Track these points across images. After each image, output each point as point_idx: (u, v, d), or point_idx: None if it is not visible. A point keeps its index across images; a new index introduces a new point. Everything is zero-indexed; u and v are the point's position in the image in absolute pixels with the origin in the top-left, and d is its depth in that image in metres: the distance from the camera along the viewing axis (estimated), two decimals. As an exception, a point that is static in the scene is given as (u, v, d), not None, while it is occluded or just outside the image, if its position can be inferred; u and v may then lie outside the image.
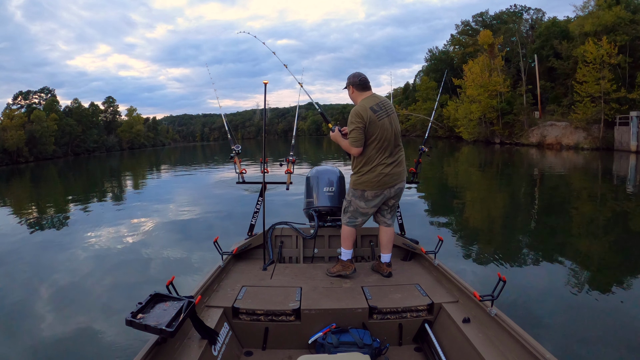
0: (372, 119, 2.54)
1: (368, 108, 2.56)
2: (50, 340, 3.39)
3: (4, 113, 46.06)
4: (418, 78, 58.76)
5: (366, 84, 2.69)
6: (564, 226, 7.07)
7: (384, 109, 2.61)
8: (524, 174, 15.44)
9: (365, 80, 2.68)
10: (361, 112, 2.55)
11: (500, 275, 2.00)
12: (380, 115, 2.57)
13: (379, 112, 2.58)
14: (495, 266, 4.89)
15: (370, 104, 2.58)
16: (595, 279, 4.55)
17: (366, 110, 2.55)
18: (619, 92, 23.59)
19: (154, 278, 4.72)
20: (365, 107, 2.56)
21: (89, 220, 8.75)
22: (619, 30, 24.67)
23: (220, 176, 15.78)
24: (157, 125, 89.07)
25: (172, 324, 1.69)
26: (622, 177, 13.91)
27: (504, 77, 32.64)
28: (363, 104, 2.59)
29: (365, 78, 2.69)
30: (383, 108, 2.61)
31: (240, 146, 3.61)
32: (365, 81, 2.68)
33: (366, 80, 2.69)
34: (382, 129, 2.56)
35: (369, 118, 2.53)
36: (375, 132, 2.55)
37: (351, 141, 2.58)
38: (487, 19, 44.74)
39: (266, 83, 3.21)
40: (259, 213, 3.36)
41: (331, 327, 2.22)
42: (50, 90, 55.97)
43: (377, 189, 2.62)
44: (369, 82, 2.71)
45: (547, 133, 28.41)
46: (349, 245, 2.80)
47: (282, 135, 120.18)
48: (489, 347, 1.87)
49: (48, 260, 5.74)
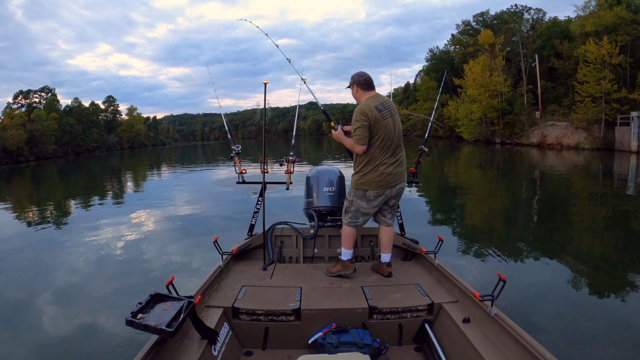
0: (377, 118, 2.54)
1: (373, 107, 2.56)
2: (50, 339, 3.39)
3: (5, 112, 45.98)
4: (418, 78, 58.70)
5: (371, 83, 2.70)
6: (564, 226, 7.07)
7: (388, 109, 2.61)
8: (525, 174, 15.43)
9: (369, 80, 2.70)
10: (366, 110, 2.55)
11: (500, 275, 2.00)
12: (384, 115, 2.57)
13: (384, 111, 2.58)
14: (495, 266, 4.89)
15: (375, 103, 2.58)
16: (596, 279, 4.55)
17: (371, 109, 2.55)
18: (620, 92, 23.55)
19: (154, 278, 4.71)
20: (370, 106, 2.56)
21: (89, 219, 8.74)
22: (620, 30, 24.62)
23: (221, 176, 15.77)
24: (157, 124, 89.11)
25: (172, 324, 1.69)
26: (622, 177, 13.89)
27: (504, 77, 32.61)
28: (368, 102, 2.59)
29: (369, 78, 2.71)
30: (387, 108, 2.61)
31: (240, 146, 3.61)
32: (369, 81, 2.70)
33: (370, 79, 2.71)
34: (386, 129, 2.56)
35: (374, 117, 2.53)
36: (379, 131, 2.55)
37: (355, 139, 2.57)
38: (487, 18, 44.65)
39: (266, 83, 3.21)
40: (259, 213, 3.36)
41: (331, 327, 2.22)
42: (51, 89, 55.91)
43: (379, 188, 2.62)
44: (373, 82, 2.72)
45: (547, 133, 28.36)
46: (349, 246, 2.80)
47: (282, 134, 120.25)
48: (489, 347, 1.87)
49: (48, 260, 5.74)
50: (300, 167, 15.98)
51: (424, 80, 50.09)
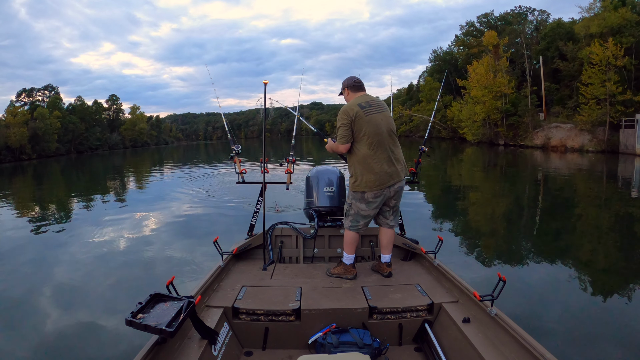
0: (358, 115, 2.56)
1: (356, 104, 2.60)
2: (50, 338, 3.40)
3: (8, 110, 46.12)
4: (422, 79, 58.59)
5: (360, 85, 2.77)
6: (566, 228, 7.04)
7: (374, 106, 2.63)
8: (528, 176, 15.38)
9: (359, 82, 2.77)
10: (347, 109, 2.60)
11: (500, 275, 2.00)
12: (368, 111, 2.58)
13: (367, 108, 2.60)
14: (495, 266, 4.88)
15: (358, 101, 2.62)
16: (597, 281, 4.53)
17: (353, 107, 2.59)
18: (625, 94, 23.40)
19: (154, 278, 4.72)
20: (352, 105, 2.61)
21: (90, 218, 8.78)
22: (624, 32, 24.47)
23: (221, 176, 15.80)
24: (160, 123, 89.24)
25: (172, 324, 1.69)
26: (627, 180, 13.82)
27: (508, 79, 32.50)
28: (352, 102, 2.65)
29: (359, 80, 2.77)
30: (373, 105, 2.63)
31: (240, 146, 3.61)
32: (360, 83, 2.77)
33: (360, 82, 2.77)
34: (371, 125, 2.57)
35: (356, 114, 2.56)
36: (363, 127, 2.56)
37: (338, 138, 2.64)
38: (491, 19, 44.53)
39: (266, 83, 3.22)
40: (259, 213, 3.36)
41: (331, 327, 2.22)
42: (54, 87, 56.35)
43: (376, 189, 2.60)
44: (363, 84, 2.78)
45: (551, 135, 28.23)
46: (351, 250, 2.78)
47: (285, 134, 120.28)
48: (489, 347, 1.86)
49: (49, 258, 5.76)
50: (302, 166, 15.98)
51: (428, 81, 49.99)
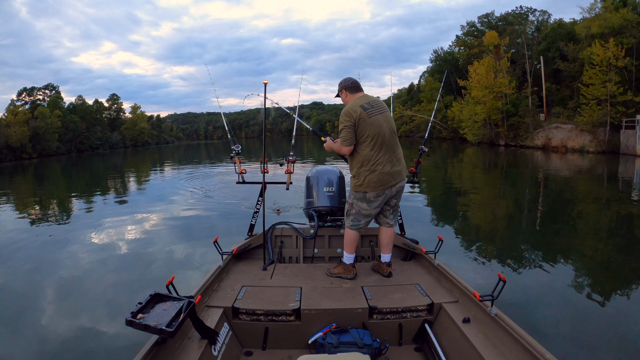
0: (362, 117, 2.55)
1: (358, 106, 2.58)
2: (49, 338, 3.40)
3: (8, 109, 46.21)
4: (423, 79, 58.56)
5: (358, 86, 2.75)
6: (566, 229, 7.03)
7: (375, 107, 2.62)
8: (528, 177, 15.36)
9: (357, 83, 2.75)
10: (350, 111, 2.57)
11: (500, 275, 2.00)
12: (371, 113, 2.57)
13: (370, 109, 2.58)
14: (495, 266, 4.87)
15: (360, 102, 2.61)
16: (597, 281, 4.52)
17: (355, 109, 2.57)
18: (626, 95, 23.35)
19: (154, 278, 4.72)
20: (355, 106, 2.59)
21: (90, 218, 8.79)
22: (626, 32, 24.44)
23: (221, 176, 15.80)
24: (161, 123, 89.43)
25: (172, 324, 1.69)
26: (627, 181, 13.80)
27: (509, 79, 32.45)
28: (354, 103, 2.62)
29: (356, 81, 2.76)
30: (374, 106, 2.62)
31: (240, 146, 3.61)
32: (357, 84, 2.75)
33: (358, 83, 2.76)
34: (374, 127, 2.56)
35: (359, 116, 2.54)
36: (367, 129, 2.55)
37: (341, 140, 2.61)
38: (492, 20, 44.48)
39: (266, 83, 3.22)
40: (259, 213, 3.36)
41: (331, 327, 2.22)
42: (55, 87, 56.35)
43: (379, 189, 2.60)
44: (360, 85, 2.77)
45: (552, 136, 28.20)
46: (351, 250, 2.78)
47: (285, 134, 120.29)
48: (489, 347, 1.87)
49: (49, 258, 5.76)
50: (303, 166, 15.98)
51: (428, 81, 49.95)
